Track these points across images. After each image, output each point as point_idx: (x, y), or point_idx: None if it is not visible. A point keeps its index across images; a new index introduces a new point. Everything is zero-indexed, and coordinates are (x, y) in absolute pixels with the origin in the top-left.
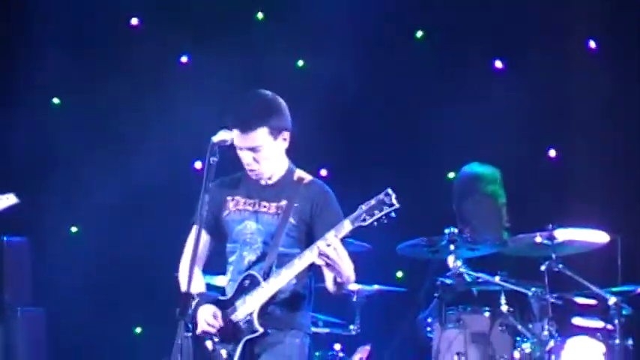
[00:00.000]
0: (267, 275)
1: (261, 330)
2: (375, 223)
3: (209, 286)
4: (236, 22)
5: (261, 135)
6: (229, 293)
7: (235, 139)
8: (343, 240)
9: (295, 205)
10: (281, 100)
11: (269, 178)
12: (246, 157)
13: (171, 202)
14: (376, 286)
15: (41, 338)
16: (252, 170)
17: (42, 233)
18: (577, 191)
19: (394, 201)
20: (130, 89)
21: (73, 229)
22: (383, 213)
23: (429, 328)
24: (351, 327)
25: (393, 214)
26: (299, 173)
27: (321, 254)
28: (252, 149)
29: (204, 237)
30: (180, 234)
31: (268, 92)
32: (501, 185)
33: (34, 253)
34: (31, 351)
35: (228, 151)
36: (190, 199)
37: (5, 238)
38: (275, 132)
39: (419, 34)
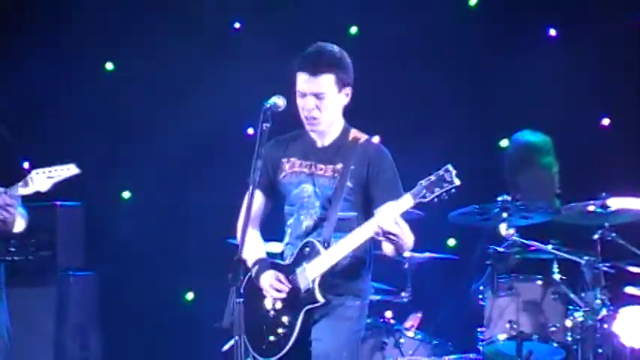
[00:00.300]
0: (327, 244)
1: (322, 300)
2: (436, 199)
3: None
4: None
5: (328, 81)
6: (288, 259)
7: (301, 83)
8: None
9: (352, 167)
10: (348, 58)
11: (324, 137)
12: (308, 103)
13: (223, 166)
14: (428, 254)
15: (93, 302)
16: (313, 118)
17: (95, 198)
18: (630, 160)
19: (454, 178)
20: (187, 53)
21: (126, 195)
22: (443, 190)
23: (481, 296)
24: (403, 294)
25: (453, 191)
26: (354, 133)
27: (385, 232)
28: (317, 95)
29: (261, 199)
30: (231, 198)
31: (338, 47)
32: (554, 154)
33: (87, 217)
34: (84, 314)
35: (281, 116)
36: (242, 165)
37: (59, 203)
38: (340, 83)
39: (472, 1)
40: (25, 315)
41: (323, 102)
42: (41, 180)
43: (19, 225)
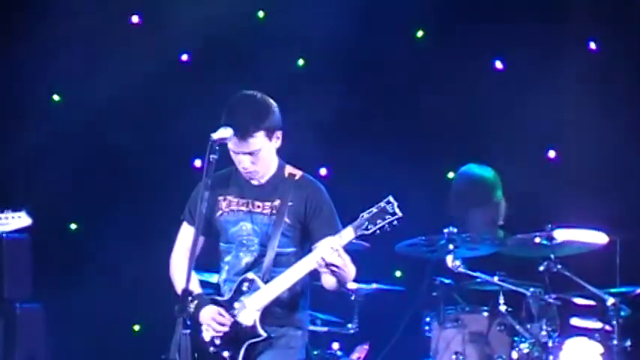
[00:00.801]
0: (266, 278)
1: (264, 335)
2: (378, 232)
3: (203, 283)
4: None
5: (258, 139)
6: (226, 294)
7: (231, 144)
8: None
9: (289, 204)
10: (271, 100)
11: (261, 177)
12: (244, 161)
13: (169, 197)
14: (375, 285)
15: (40, 334)
16: (248, 172)
17: (42, 230)
18: (575, 192)
19: (397, 209)
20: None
21: (73, 226)
22: (386, 222)
23: (427, 327)
24: (350, 326)
25: (395, 223)
26: (289, 169)
27: (327, 264)
28: (251, 153)
29: (197, 236)
30: (177, 230)
31: (257, 93)
32: (500, 185)
33: (34, 249)
34: (31, 346)
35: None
36: (187, 197)
37: (5, 235)
38: (270, 133)
39: (419, 34)
40: None
41: (257, 157)
42: None
43: None
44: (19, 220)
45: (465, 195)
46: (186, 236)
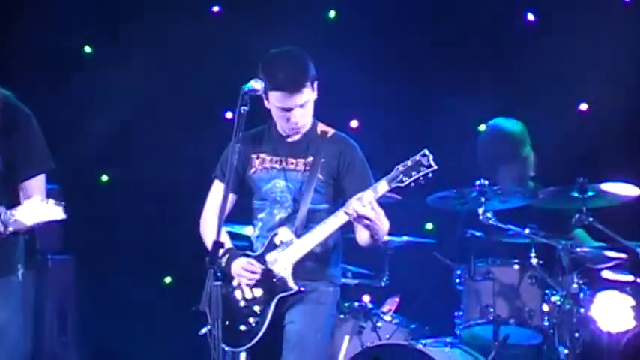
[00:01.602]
0: (299, 233)
1: (295, 288)
2: (413, 184)
3: (236, 235)
4: None
5: (307, 90)
6: (259, 249)
7: (281, 100)
8: None
9: (322, 160)
10: (305, 53)
11: (298, 133)
12: (295, 115)
13: (201, 149)
14: (406, 238)
15: (71, 286)
16: (297, 127)
17: (73, 181)
18: (608, 145)
19: (432, 162)
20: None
21: (104, 178)
22: (420, 174)
23: (458, 280)
24: (381, 278)
25: (430, 175)
26: (321, 127)
27: (359, 216)
28: (302, 106)
29: (229, 193)
30: (210, 181)
31: (293, 48)
32: (528, 137)
33: (65, 200)
34: (62, 298)
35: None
36: (221, 149)
37: None
38: (313, 84)
39: None
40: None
41: (306, 109)
42: (29, 215)
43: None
44: (55, 214)
45: (492, 151)
46: (217, 194)
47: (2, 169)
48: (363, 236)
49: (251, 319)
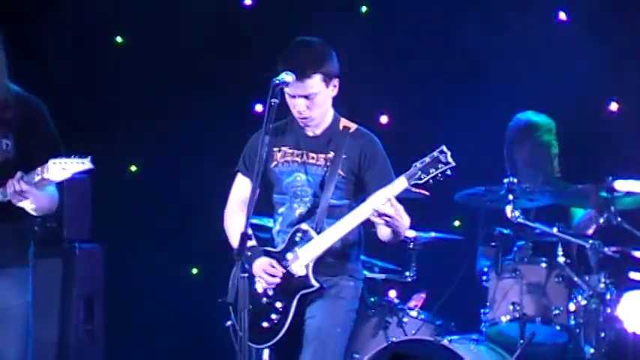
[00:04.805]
0: (319, 229)
1: (317, 285)
2: (431, 181)
3: (261, 228)
4: None
5: (315, 82)
6: (280, 245)
7: (289, 86)
8: None
9: (343, 156)
10: (331, 49)
11: (316, 127)
12: (299, 104)
13: (229, 142)
14: (433, 234)
15: (99, 274)
16: (304, 118)
17: (102, 170)
18: (636, 144)
19: (450, 159)
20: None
21: (133, 168)
22: (439, 171)
23: (485, 278)
24: (407, 274)
25: (448, 172)
26: (344, 122)
27: (380, 214)
28: (307, 96)
29: (250, 186)
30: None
31: (317, 39)
32: (556, 136)
33: (94, 190)
34: (89, 286)
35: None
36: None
37: None
38: (327, 79)
39: None
40: None
41: (313, 101)
42: (56, 170)
43: (43, 209)
44: (83, 164)
45: (513, 135)
46: (240, 188)
47: (16, 157)
48: (384, 232)
49: (274, 316)
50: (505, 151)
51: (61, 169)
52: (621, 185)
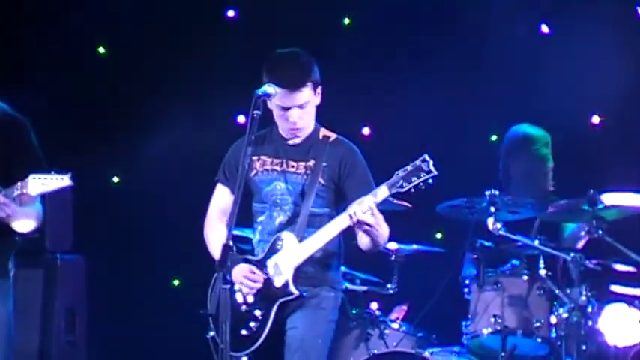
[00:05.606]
0: (300, 237)
1: (296, 293)
2: (413, 190)
3: (242, 239)
4: None
5: (307, 91)
6: (259, 254)
7: (280, 99)
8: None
9: (324, 164)
10: (311, 56)
11: (296, 137)
12: (293, 115)
13: (212, 154)
14: (415, 246)
15: (80, 285)
16: (295, 129)
17: (84, 181)
18: (619, 158)
19: (432, 168)
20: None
21: (115, 180)
22: (421, 180)
23: (466, 290)
24: (389, 286)
25: (430, 181)
26: (324, 132)
27: (359, 222)
28: (300, 106)
29: (230, 196)
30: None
31: (299, 49)
32: (550, 149)
33: (76, 200)
34: (70, 297)
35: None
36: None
37: None
38: (315, 87)
39: None
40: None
41: (305, 110)
42: (35, 186)
43: (26, 225)
44: (62, 181)
45: (509, 148)
46: (220, 197)
47: None
48: (364, 241)
49: (252, 324)
50: (500, 163)
51: (41, 184)
52: (608, 199)
